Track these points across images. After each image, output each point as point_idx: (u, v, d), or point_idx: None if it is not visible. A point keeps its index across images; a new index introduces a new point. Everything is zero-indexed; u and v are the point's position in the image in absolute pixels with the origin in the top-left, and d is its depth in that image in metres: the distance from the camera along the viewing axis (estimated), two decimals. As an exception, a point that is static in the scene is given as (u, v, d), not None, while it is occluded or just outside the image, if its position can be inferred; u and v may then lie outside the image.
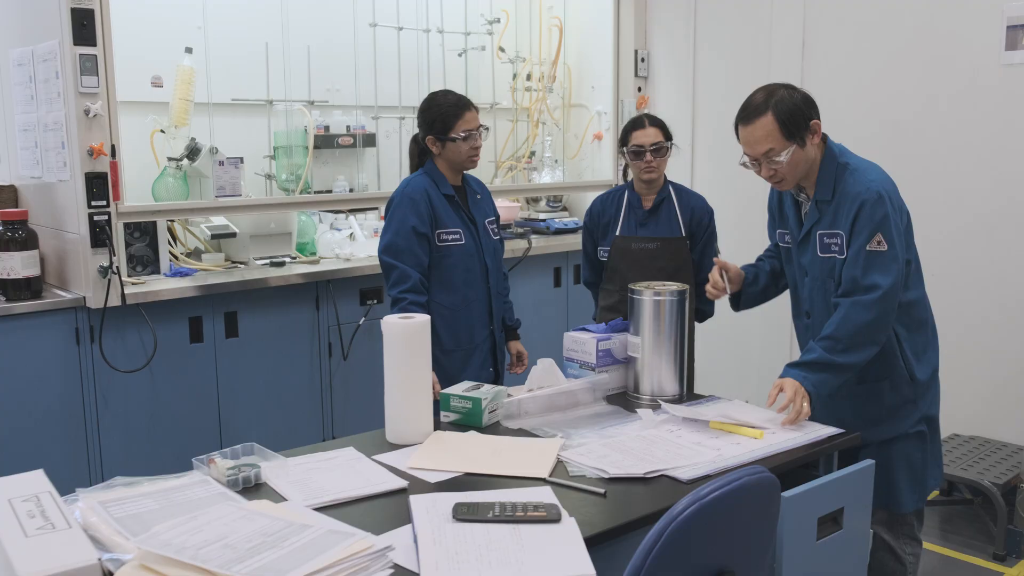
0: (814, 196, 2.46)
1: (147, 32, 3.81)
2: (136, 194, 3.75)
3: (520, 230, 4.77)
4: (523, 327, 3.71)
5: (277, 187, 4.12)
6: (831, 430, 2.33)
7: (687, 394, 2.68)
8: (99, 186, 3.20)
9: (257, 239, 3.91)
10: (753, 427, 2.31)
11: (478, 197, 3.17)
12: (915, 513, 2.59)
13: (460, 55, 4.76)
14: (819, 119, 2.41)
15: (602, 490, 1.93)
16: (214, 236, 3.80)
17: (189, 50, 3.72)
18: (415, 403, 2.26)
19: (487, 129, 3.09)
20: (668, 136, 3.24)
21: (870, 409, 2.52)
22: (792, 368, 2.41)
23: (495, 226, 3.21)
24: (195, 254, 3.91)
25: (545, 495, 1.89)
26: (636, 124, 3.25)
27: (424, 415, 2.28)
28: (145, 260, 3.55)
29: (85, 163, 3.17)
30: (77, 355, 3.31)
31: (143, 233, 3.54)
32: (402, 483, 1.97)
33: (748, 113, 2.40)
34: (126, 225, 3.49)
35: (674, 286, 2.62)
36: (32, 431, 3.24)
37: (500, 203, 4.73)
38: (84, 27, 3.11)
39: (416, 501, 1.86)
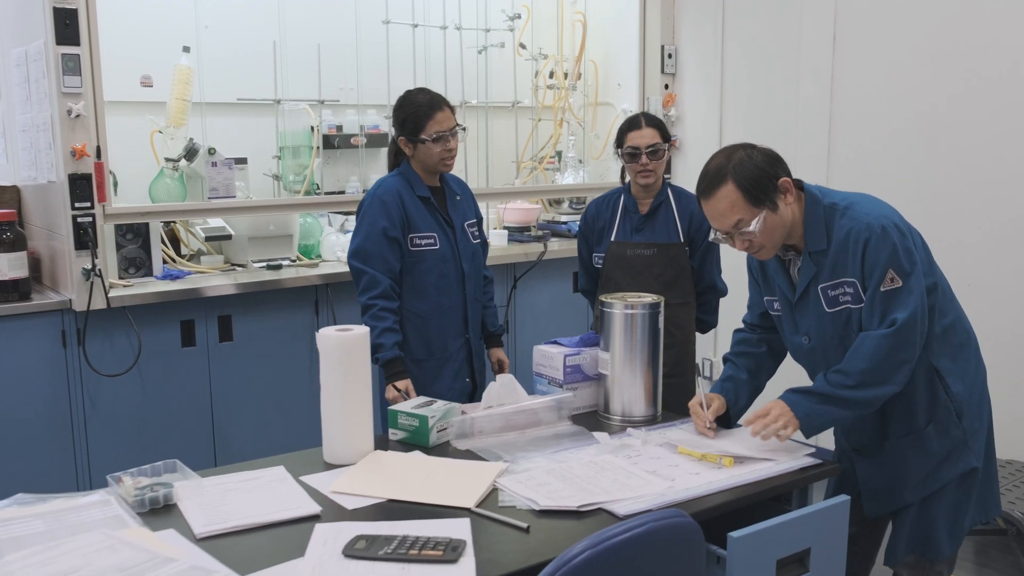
0: (806, 248, 2.17)
1: (149, 32, 3.78)
2: (136, 195, 3.72)
3: (540, 233, 4.62)
4: (537, 333, 3.57)
5: (283, 188, 4.05)
6: (806, 460, 2.12)
7: (662, 414, 2.48)
8: (83, 187, 3.15)
9: (260, 241, 3.83)
10: (724, 454, 2.12)
11: (458, 198, 3.02)
12: (947, 560, 2.34)
13: (480, 52, 4.63)
14: (788, 175, 2.13)
15: (525, 524, 1.77)
16: (208, 238, 3.73)
17: (187, 49, 3.66)
18: (353, 421, 2.14)
19: (464, 129, 2.95)
20: (666, 137, 3.05)
21: (919, 463, 2.24)
22: (790, 393, 2.19)
23: (476, 229, 3.07)
24: (197, 256, 3.86)
25: (461, 528, 1.74)
26: (632, 124, 3.06)
27: (362, 434, 2.15)
28: (138, 262, 3.51)
29: (68, 164, 3.14)
30: (64, 358, 3.28)
31: (136, 235, 3.49)
32: (315, 510, 1.85)
33: (706, 184, 2.13)
34: (118, 227, 3.45)
35: (648, 299, 2.44)
36: (19, 434, 3.21)
37: (518, 205, 4.60)
38: (67, 27, 3.06)
39: (319, 531, 1.74)
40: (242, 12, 4.06)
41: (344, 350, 2.10)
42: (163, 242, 3.77)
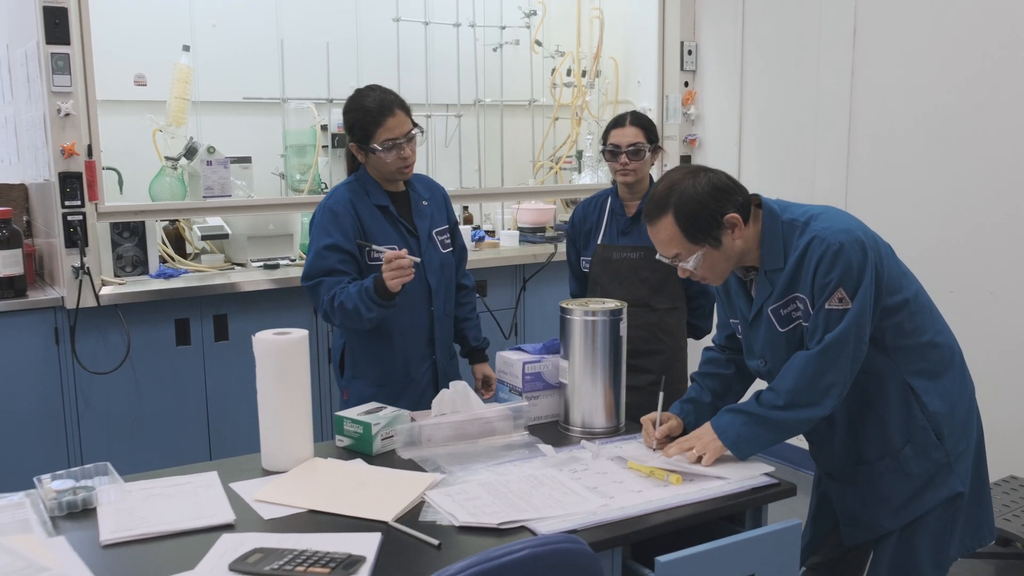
0: (762, 268, 2.05)
1: (152, 31, 3.79)
2: (143, 193, 3.74)
3: (555, 233, 4.53)
4: (546, 336, 3.43)
5: (288, 187, 4.03)
6: (761, 480, 2.00)
7: (627, 425, 2.38)
8: (73, 186, 3.17)
9: (261, 241, 3.82)
10: (674, 471, 2.00)
11: (424, 203, 2.72)
12: None
13: (495, 50, 4.55)
14: (736, 210, 1.97)
15: (436, 541, 1.70)
16: (204, 237, 3.74)
17: (186, 48, 3.67)
18: (290, 428, 2.08)
19: (422, 131, 2.62)
20: (652, 138, 2.94)
21: (898, 488, 2.10)
22: (725, 413, 2.09)
23: (446, 236, 2.78)
24: (200, 255, 3.87)
25: (369, 543, 1.67)
26: (617, 122, 2.97)
27: (300, 441, 2.10)
28: (134, 261, 3.52)
29: (59, 163, 3.16)
30: (57, 355, 3.31)
31: (133, 233, 3.51)
32: (229, 519, 1.79)
33: (648, 210, 2.02)
34: (114, 225, 3.47)
35: (611, 304, 2.33)
36: (13, 429, 3.25)
37: (532, 206, 4.52)
38: (57, 26, 3.09)
39: (223, 542, 1.69)
40: (249, 10, 4.06)
41: (280, 354, 2.05)
42: (166, 241, 3.80)
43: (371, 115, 2.51)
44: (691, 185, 1.97)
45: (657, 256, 2.07)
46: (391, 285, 2.38)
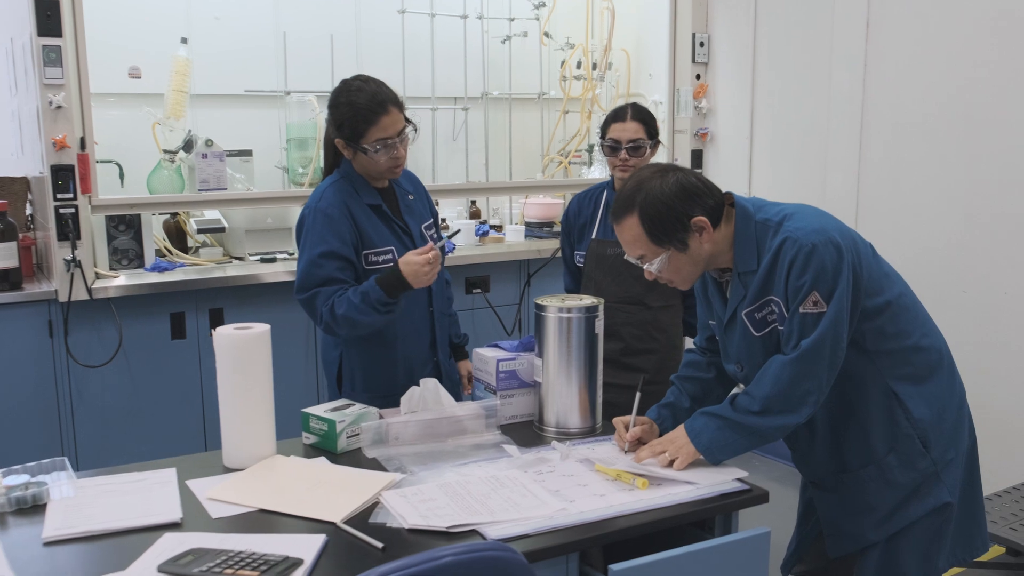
0: (735, 270, 1.96)
1: (152, 23, 3.78)
2: (139, 186, 3.73)
3: (563, 228, 4.46)
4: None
5: (290, 180, 4.01)
6: (733, 485, 1.92)
7: (601, 427, 2.30)
8: (65, 179, 3.17)
9: (259, 234, 3.80)
10: (641, 474, 1.93)
11: (410, 198, 2.59)
12: None
13: (503, 42, 4.48)
14: (705, 213, 1.89)
15: (380, 544, 1.64)
16: (201, 230, 3.71)
17: (184, 40, 3.65)
18: (250, 425, 2.05)
19: (416, 129, 2.44)
20: (652, 133, 2.85)
21: (882, 497, 2.01)
22: (699, 415, 2.01)
23: (432, 231, 2.64)
24: (198, 249, 3.85)
25: (310, 545, 1.62)
26: (617, 115, 2.88)
27: (261, 438, 2.06)
28: (130, 254, 3.51)
29: (50, 155, 3.15)
30: (51, 348, 3.30)
31: (128, 226, 3.50)
32: (175, 517, 1.75)
33: (615, 209, 1.95)
34: (110, 218, 3.46)
35: (588, 301, 2.26)
36: (6, 422, 3.25)
37: (538, 200, 4.45)
38: (48, 18, 3.08)
39: (163, 542, 1.65)
40: (250, 2, 4.02)
41: (241, 349, 2.02)
42: (167, 234, 3.79)
43: (363, 113, 2.34)
44: (658, 185, 1.89)
45: (625, 256, 1.99)
46: (424, 281, 2.30)
